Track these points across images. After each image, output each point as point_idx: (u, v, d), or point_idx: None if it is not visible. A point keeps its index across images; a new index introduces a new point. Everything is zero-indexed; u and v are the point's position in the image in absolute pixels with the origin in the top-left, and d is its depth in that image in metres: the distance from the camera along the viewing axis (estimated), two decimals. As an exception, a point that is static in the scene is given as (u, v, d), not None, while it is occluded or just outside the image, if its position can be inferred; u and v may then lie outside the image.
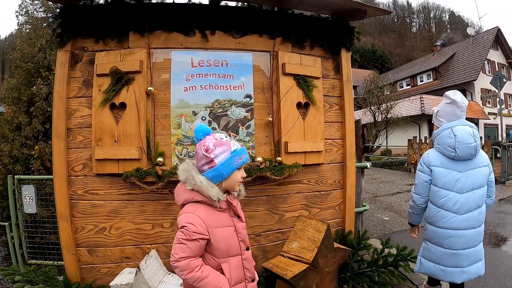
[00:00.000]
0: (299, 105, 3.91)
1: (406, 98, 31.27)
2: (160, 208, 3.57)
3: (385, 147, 27.77)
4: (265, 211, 3.88)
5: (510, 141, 33.84)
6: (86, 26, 3.47)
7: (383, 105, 26.50)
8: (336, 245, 3.52)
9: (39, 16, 7.13)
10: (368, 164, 4.97)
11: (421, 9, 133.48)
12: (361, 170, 4.98)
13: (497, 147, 13.57)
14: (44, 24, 6.67)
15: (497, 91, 15.92)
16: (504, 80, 15.80)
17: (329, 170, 4.21)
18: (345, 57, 4.26)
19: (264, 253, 3.87)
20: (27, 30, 7.10)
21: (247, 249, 2.29)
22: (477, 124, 31.66)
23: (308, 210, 4.08)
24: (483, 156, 3.16)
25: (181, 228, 2.00)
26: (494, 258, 5.32)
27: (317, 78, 4.02)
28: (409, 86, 41.01)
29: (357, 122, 4.82)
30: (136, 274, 2.87)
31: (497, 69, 34.60)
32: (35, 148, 5.57)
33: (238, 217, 2.29)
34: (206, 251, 2.09)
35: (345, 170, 4.24)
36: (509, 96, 36.54)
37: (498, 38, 36.24)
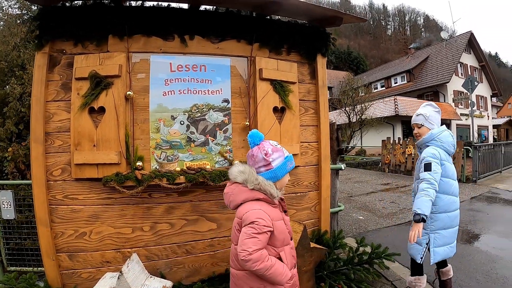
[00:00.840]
0: (275, 109, 4.00)
1: (380, 99, 31.76)
2: (140, 212, 3.60)
3: (360, 147, 28.15)
4: None
5: (481, 141, 34.78)
6: (65, 28, 3.46)
7: (357, 106, 26.85)
8: (312, 245, 3.62)
9: (13, 13, 7.00)
10: (343, 166, 5.11)
11: (396, 12, 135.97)
12: (336, 172, 5.12)
13: (468, 147, 13.98)
14: (19, 21, 6.55)
15: (469, 93, 16.28)
16: (476, 83, 16.19)
17: (304, 172, 4.32)
18: (321, 63, 4.38)
19: (246, 253, 3.95)
20: (1, 28, 6.97)
21: (291, 238, 2.59)
22: (449, 125, 32.66)
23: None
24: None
25: (251, 224, 2.20)
26: (466, 253, 5.56)
27: (293, 83, 4.12)
28: (384, 88, 41.96)
29: (332, 125, 4.93)
30: (118, 278, 2.89)
31: (469, 72, 35.56)
32: (8, 150, 5.48)
33: (285, 211, 2.59)
34: (268, 243, 2.31)
35: (320, 172, 4.36)
36: (480, 98, 37.63)
37: (471, 42, 37.33)
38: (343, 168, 5.14)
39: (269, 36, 4.03)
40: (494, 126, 46.17)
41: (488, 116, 40.02)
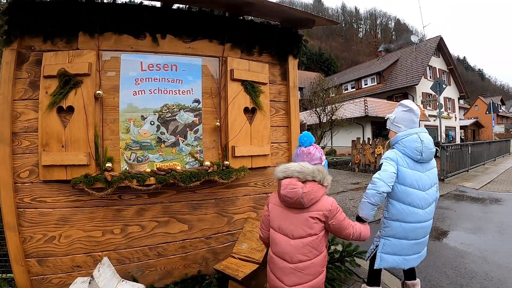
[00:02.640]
0: (246, 110, 4.01)
1: (351, 100, 32.12)
2: (110, 215, 3.53)
3: (330, 147, 28.38)
4: (214, 214, 3.95)
5: (449, 142, 35.59)
6: (34, 24, 3.32)
7: (328, 106, 27.06)
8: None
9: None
10: None
11: (368, 15, 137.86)
12: None
13: (436, 147, 14.11)
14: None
15: (437, 95, 16.65)
16: (444, 86, 16.66)
17: None
18: (292, 64, 4.41)
19: (215, 255, 3.94)
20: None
21: None
22: (418, 125, 33.09)
23: (256, 212, 4.18)
24: (433, 159, 3.53)
25: (338, 210, 2.71)
26: (435, 250, 5.69)
27: (264, 84, 4.14)
28: (354, 89, 42.63)
29: (302, 125, 4.96)
30: (90, 283, 2.81)
31: (438, 75, 36.35)
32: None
33: None
34: None
35: None
36: (448, 99, 38.53)
37: (440, 46, 38.29)
38: None
39: (241, 37, 4.04)
40: (461, 127, 47.42)
41: (456, 118, 41.12)
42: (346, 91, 43.28)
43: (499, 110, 55.38)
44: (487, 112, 31.62)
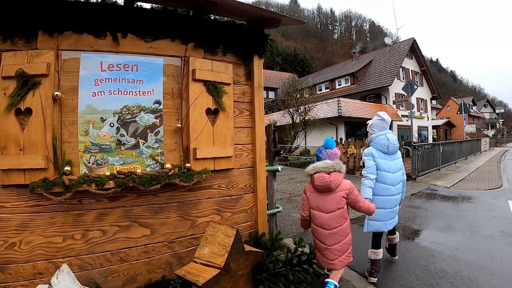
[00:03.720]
0: (208, 111, 3.94)
1: (324, 101, 32.34)
2: (70, 220, 3.40)
3: (304, 147, 28.47)
4: (177, 217, 3.87)
5: (421, 141, 36.18)
6: None
7: (301, 107, 27.18)
8: (248, 248, 3.58)
9: None
10: (279, 167, 5.12)
11: (343, 17, 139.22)
12: (273, 173, 5.13)
13: (408, 147, 14.89)
14: None
15: (408, 96, 16.88)
16: (415, 86, 16.98)
17: (239, 175, 4.30)
18: (257, 64, 4.39)
19: (179, 259, 3.86)
20: None
21: None
22: (391, 125, 33.52)
23: (220, 215, 4.13)
24: (399, 151, 4.96)
25: (354, 189, 3.95)
26: (406, 250, 5.76)
27: (228, 84, 4.09)
28: (328, 90, 43.05)
29: (269, 126, 4.96)
30: (49, 291, 2.74)
31: (410, 76, 36.91)
32: None
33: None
34: None
35: (255, 174, 4.37)
36: (421, 100, 39.21)
37: (413, 48, 39.00)
38: (280, 170, 5.15)
39: (204, 36, 3.98)
40: (434, 127, 48.27)
41: (428, 117, 41.84)
42: (320, 92, 43.80)
43: (470, 110, 56.44)
44: (458, 112, 32.38)
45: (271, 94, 52.52)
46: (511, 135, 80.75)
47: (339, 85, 42.28)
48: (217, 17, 4.26)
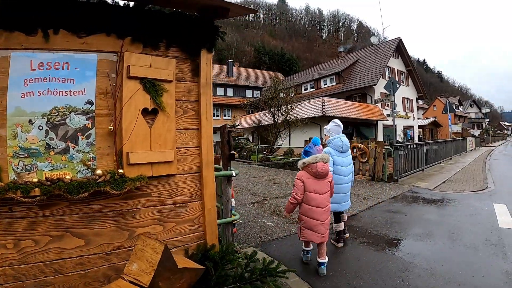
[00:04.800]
0: (146, 111, 3.64)
1: (307, 100, 32.24)
2: (1, 228, 3.09)
3: (288, 147, 28.23)
4: (112, 227, 3.55)
5: (407, 141, 36.20)
6: None
7: (283, 106, 27.00)
8: (183, 264, 3.29)
9: None
10: (234, 172, 4.77)
11: (331, 17, 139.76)
12: (227, 179, 4.81)
13: (389, 147, 14.34)
14: None
15: (390, 95, 16.69)
16: (398, 85, 16.69)
17: (183, 181, 3.98)
18: (205, 59, 4.06)
19: (118, 272, 3.51)
20: None
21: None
22: (376, 125, 33.61)
23: (162, 225, 3.81)
24: (349, 149, 6.23)
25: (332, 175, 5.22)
26: (377, 262, 5.29)
27: (169, 81, 3.77)
28: (314, 89, 42.99)
29: (223, 127, 4.71)
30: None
31: (396, 76, 36.92)
32: None
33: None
34: None
35: (202, 180, 4.04)
36: (407, 100, 39.27)
37: (399, 48, 39.03)
38: (235, 175, 4.76)
39: (143, 30, 3.66)
40: (420, 126, 48.50)
41: (414, 117, 41.87)
42: (306, 91, 43.84)
43: (456, 110, 56.83)
44: (444, 112, 32.44)
45: (257, 94, 52.56)
46: (497, 135, 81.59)
47: (324, 85, 42.13)
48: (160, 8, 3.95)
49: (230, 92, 53.17)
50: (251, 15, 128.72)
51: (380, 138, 32.87)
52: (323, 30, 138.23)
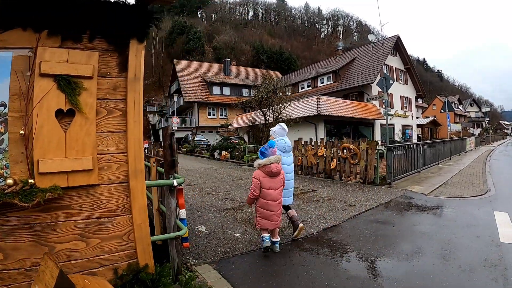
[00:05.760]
0: (62, 112, 3.17)
1: (301, 99, 31.73)
2: None
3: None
4: (30, 242, 3.12)
5: (406, 140, 35.60)
6: None
7: (275, 106, 26.37)
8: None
9: None
10: (175, 182, 4.22)
11: (330, 16, 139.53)
12: (169, 189, 4.24)
13: (381, 149, 13.48)
14: None
15: (384, 92, 15.97)
16: (391, 81, 15.81)
17: (108, 192, 3.47)
18: (135, 50, 3.56)
19: (40, 290, 3.11)
20: None
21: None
22: (373, 124, 32.89)
23: (85, 241, 3.33)
24: (291, 150, 6.68)
25: (283, 173, 5.84)
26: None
27: (89, 78, 3.27)
28: (310, 88, 42.31)
29: (165, 129, 4.21)
30: None
31: (394, 74, 36.33)
32: None
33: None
34: None
35: (130, 191, 3.53)
36: (405, 98, 38.76)
37: (397, 46, 38.33)
38: (176, 184, 4.24)
39: (61, 21, 3.18)
40: (419, 126, 47.95)
41: (413, 116, 41.18)
42: (302, 90, 43.27)
43: (455, 109, 56.08)
44: (442, 111, 31.55)
45: (254, 92, 52.09)
46: (497, 134, 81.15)
47: (321, 83, 41.30)
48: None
49: (226, 91, 52.47)
50: (250, 13, 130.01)
51: (377, 137, 32.27)
52: (322, 29, 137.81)
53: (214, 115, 50.39)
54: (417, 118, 46.53)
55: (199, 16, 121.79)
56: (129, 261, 3.53)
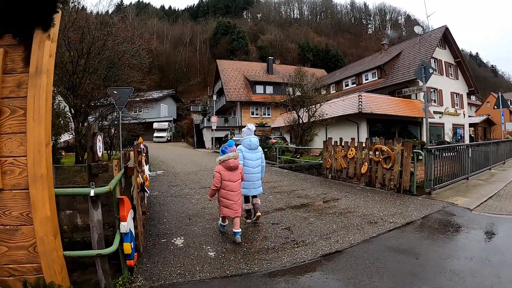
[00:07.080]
0: None
1: (337, 97, 31.35)
2: None
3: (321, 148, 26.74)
4: None
5: (457, 140, 33.63)
6: None
7: (308, 105, 25.43)
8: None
9: None
10: (92, 191, 3.63)
11: (377, 11, 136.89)
12: (94, 199, 3.60)
13: (419, 151, 10.88)
14: None
15: (423, 83, 14.07)
16: (431, 70, 13.82)
17: (12, 199, 3.24)
18: (39, 40, 3.17)
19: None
20: None
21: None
22: (421, 123, 30.90)
23: None
24: (259, 147, 7.76)
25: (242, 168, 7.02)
26: None
27: None
28: (355, 85, 41.33)
29: (89, 128, 3.84)
30: None
31: (443, 68, 34.69)
32: None
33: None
34: None
35: (31, 199, 3.21)
36: (456, 95, 37.25)
37: (446, 37, 36.54)
38: (93, 194, 3.62)
39: None
40: (471, 125, 45.42)
41: (464, 114, 38.97)
42: (347, 87, 42.56)
43: (510, 106, 52.06)
44: (496, 107, 28.88)
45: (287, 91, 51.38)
46: (561, 133, 76.37)
47: (366, 80, 40.06)
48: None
49: (269, 89, 51.99)
50: (295, 12, 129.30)
51: (425, 138, 30.50)
52: (369, 25, 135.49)
53: (257, 114, 50.18)
54: (469, 116, 44.13)
55: (245, 16, 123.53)
56: (37, 275, 3.28)
